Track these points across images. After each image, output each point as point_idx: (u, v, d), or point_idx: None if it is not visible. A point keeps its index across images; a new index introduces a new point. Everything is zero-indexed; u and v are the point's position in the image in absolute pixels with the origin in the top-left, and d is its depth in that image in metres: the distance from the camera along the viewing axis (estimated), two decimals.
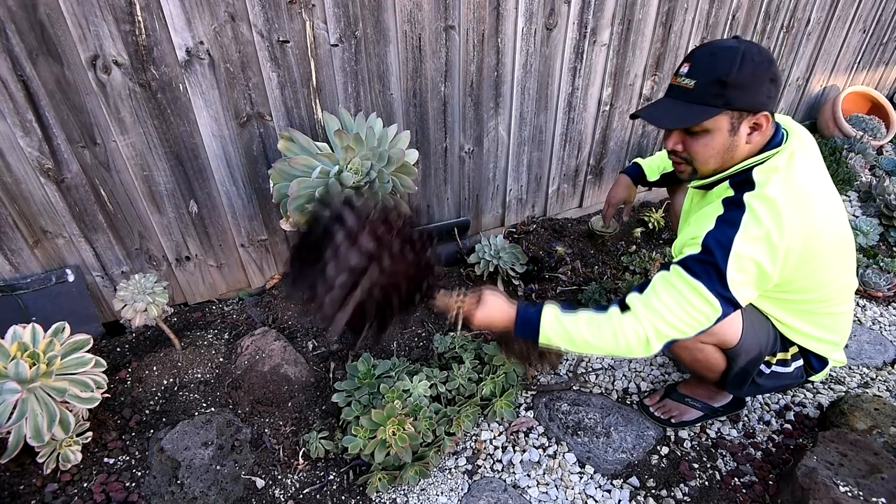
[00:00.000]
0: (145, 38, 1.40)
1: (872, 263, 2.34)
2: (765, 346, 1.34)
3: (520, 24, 1.87)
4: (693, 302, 1.12)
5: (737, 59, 1.08)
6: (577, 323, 1.19)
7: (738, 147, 1.16)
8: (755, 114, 1.12)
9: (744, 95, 1.10)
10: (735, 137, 1.15)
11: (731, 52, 1.09)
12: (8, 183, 1.47)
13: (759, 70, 1.09)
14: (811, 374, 1.42)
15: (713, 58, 1.11)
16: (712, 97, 1.11)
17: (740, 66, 1.08)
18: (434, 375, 1.60)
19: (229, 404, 1.63)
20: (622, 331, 1.16)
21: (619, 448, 1.52)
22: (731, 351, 1.32)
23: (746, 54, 1.08)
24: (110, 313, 1.81)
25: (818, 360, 1.40)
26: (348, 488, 1.48)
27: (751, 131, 1.15)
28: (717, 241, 1.11)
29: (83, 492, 1.39)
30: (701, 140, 1.17)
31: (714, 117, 1.12)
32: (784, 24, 2.63)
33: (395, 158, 1.44)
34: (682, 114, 1.15)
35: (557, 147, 2.29)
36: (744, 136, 1.15)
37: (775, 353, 1.37)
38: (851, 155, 3.01)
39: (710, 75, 1.10)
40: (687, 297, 1.12)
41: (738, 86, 1.09)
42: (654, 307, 1.14)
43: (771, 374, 1.38)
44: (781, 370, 1.39)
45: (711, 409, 1.59)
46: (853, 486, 1.25)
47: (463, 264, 2.21)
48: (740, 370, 1.35)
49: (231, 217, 1.81)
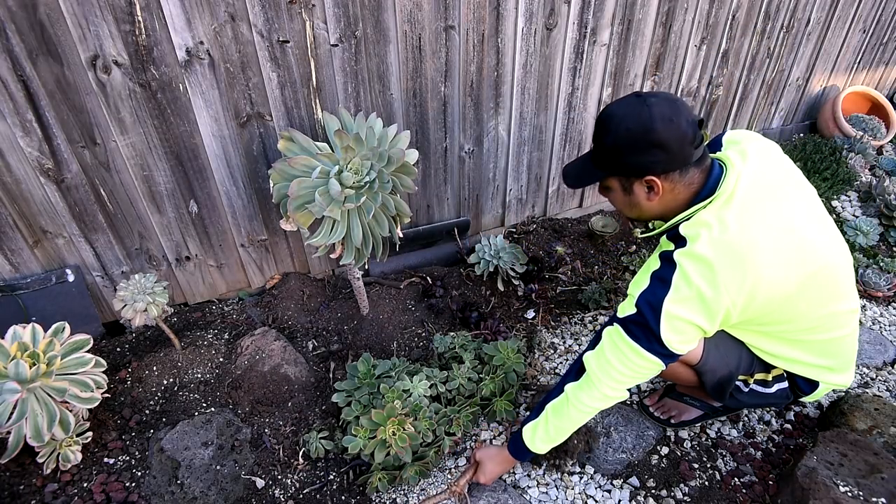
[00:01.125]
0: (145, 38, 1.40)
1: (872, 263, 2.34)
2: (735, 367, 1.32)
3: (520, 24, 1.87)
4: (636, 361, 1.15)
5: (611, 128, 1.12)
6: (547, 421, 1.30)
7: (641, 204, 1.19)
8: (641, 177, 1.14)
9: (621, 162, 1.14)
10: (631, 197, 1.19)
11: (609, 119, 1.13)
12: (8, 183, 1.47)
13: (634, 136, 1.09)
14: (800, 396, 1.37)
15: (599, 124, 1.16)
16: (599, 161, 1.18)
17: (615, 136, 1.11)
18: (434, 375, 1.60)
19: (229, 404, 1.63)
20: (583, 404, 1.24)
21: (619, 448, 1.52)
22: (697, 368, 1.32)
23: (622, 122, 1.09)
24: (110, 313, 1.81)
25: (807, 383, 1.33)
26: (348, 488, 1.48)
27: (648, 191, 1.15)
28: (648, 304, 1.10)
29: (83, 492, 1.39)
30: (609, 195, 1.26)
31: (606, 179, 1.20)
32: (784, 24, 2.63)
33: (395, 158, 1.44)
34: (580, 175, 1.25)
35: (557, 147, 2.29)
36: (641, 196, 1.17)
37: (752, 373, 1.35)
38: (851, 155, 3.01)
39: (595, 140, 1.17)
40: (629, 358, 1.15)
41: (615, 153, 1.13)
42: (605, 368, 1.20)
43: (750, 392, 1.38)
44: (761, 390, 1.37)
45: (711, 408, 1.59)
46: (853, 486, 1.25)
47: (463, 264, 2.21)
48: (715, 384, 1.34)
49: (231, 217, 1.81)
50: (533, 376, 1.80)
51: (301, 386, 1.68)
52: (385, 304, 1.97)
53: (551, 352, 1.92)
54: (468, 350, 1.71)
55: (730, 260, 1.05)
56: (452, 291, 2.06)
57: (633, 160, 1.12)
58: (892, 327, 2.06)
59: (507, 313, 2.06)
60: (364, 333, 1.88)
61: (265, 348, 1.69)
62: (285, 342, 1.74)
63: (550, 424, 1.30)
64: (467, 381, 1.61)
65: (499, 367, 1.65)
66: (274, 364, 1.66)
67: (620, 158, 1.13)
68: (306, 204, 1.41)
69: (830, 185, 2.80)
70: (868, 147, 3.08)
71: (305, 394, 1.68)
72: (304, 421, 1.62)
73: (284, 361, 1.68)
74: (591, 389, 1.22)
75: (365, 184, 1.41)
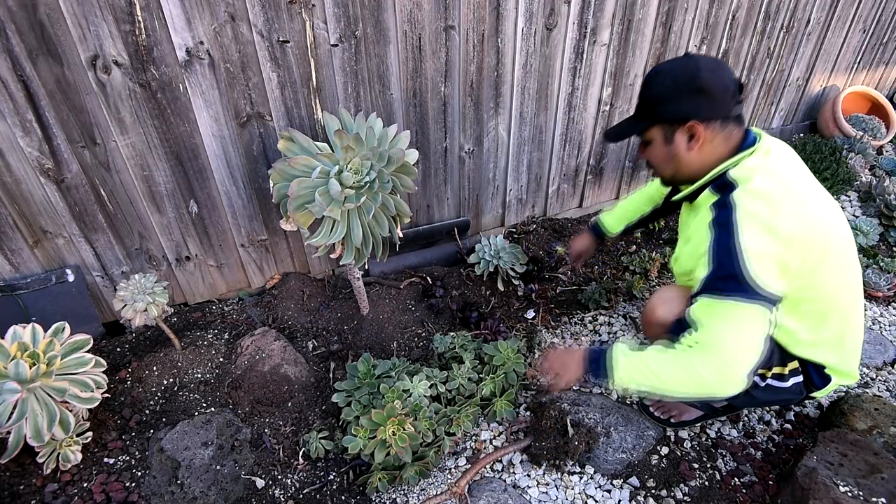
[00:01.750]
0: (145, 38, 1.40)
1: (872, 263, 2.34)
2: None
3: (520, 24, 1.87)
4: (740, 317, 1.08)
5: (657, 80, 1.20)
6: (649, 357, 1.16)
7: (680, 156, 1.22)
8: (683, 123, 1.18)
9: (664, 109, 1.20)
10: (672, 146, 1.22)
11: (653, 72, 1.22)
12: (8, 183, 1.47)
13: (679, 84, 1.16)
14: (812, 391, 1.37)
15: (647, 79, 1.24)
16: (644, 113, 1.25)
17: (659, 84, 1.19)
18: (434, 375, 1.60)
19: (229, 404, 1.63)
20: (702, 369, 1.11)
21: (619, 448, 1.52)
22: None
23: (666, 72, 1.18)
24: (110, 313, 1.81)
25: (820, 377, 1.33)
26: (348, 488, 1.48)
27: (689, 139, 1.19)
28: (723, 250, 1.09)
29: (83, 492, 1.39)
30: (649, 149, 1.29)
31: (649, 130, 1.24)
32: (784, 24, 2.63)
33: (395, 158, 1.44)
34: (622, 130, 1.30)
35: (557, 147, 2.29)
36: (682, 145, 1.21)
37: (771, 367, 1.33)
38: (851, 155, 3.01)
39: (641, 96, 1.25)
40: (732, 317, 1.09)
41: (658, 101, 1.20)
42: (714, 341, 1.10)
43: (766, 387, 1.35)
44: (777, 384, 1.35)
45: (711, 408, 1.59)
46: (853, 486, 1.25)
47: (463, 264, 2.21)
48: None
49: (231, 217, 1.81)
50: (533, 376, 1.80)
51: (301, 386, 1.68)
52: (385, 304, 1.97)
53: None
54: (468, 350, 1.71)
55: (787, 194, 1.11)
56: (452, 291, 2.06)
57: (678, 105, 1.17)
58: (892, 327, 2.06)
59: (507, 313, 2.06)
60: (364, 333, 1.88)
61: (265, 348, 1.69)
62: (285, 342, 1.74)
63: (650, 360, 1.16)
64: (467, 381, 1.61)
65: (499, 367, 1.65)
66: (274, 364, 1.66)
67: (665, 104, 1.19)
68: (306, 204, 1.41)
69: (830, 186, 2.80)
70: (868, 147, 3.08)
71: (305, 394, 1.68)
72: (304, 421, 1.62)
73: (284, 361, 1.68)
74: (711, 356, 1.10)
75: (365, 184, 1.41)
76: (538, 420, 1.57)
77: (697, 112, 1.16)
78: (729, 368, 1.10)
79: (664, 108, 1.19)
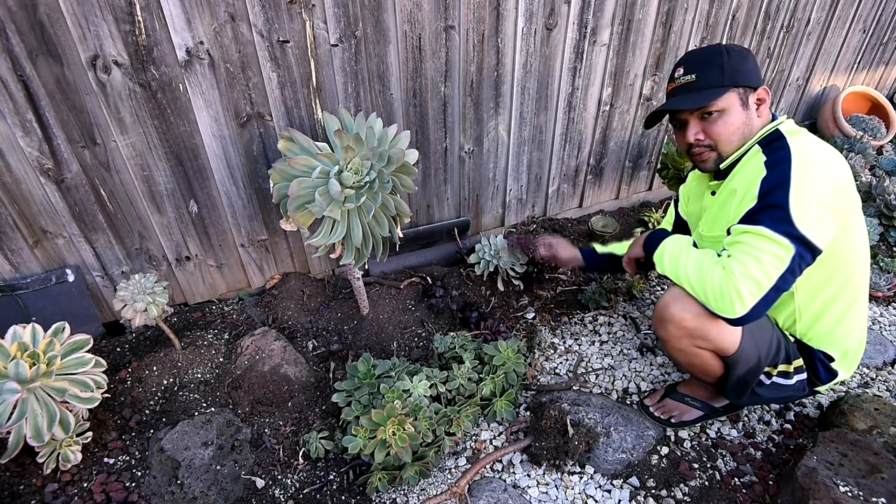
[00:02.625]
0: (145, 38, 1.40)
1: (872, 263, 2.34)
2: (765, 356, 1.32)
3: (520, 24, 1.87)
4: (760, 246, 1.12)
5: (723, 51, 1.27)
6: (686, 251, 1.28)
7: (752, 121, 1.29)
8: (755, 89, 1.27)
9: (741, 73, 1.26)
10: (747, 111, 1.28)
11: (714, 47, 1.29)
12: (8, 183, 1.47)
13: (743, 54, 1.27)
14: (817, 385, 1.40)
15: (704, 53, 1.30)
16: (717, 81, 1.26)
17: (728, 55, 1.26)
18: (434, 375, 1.60)
19: (229, 404, 1.63)
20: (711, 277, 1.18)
21: (619, 448, 1.52)
22: (730, 359, 1.30)
23: (727, 47, 1.28)
24: (110, 313, 1.81)
25: (826, 372, 1.38)
26: (348, 488, 1.48)
27: (758, 105, 1.29)
28: (775, 182, 1.13)
29: (83, 492, 1.39)
30: (720, 121, 1.28)
31: (724, 95, 1.26)
32: (784, 24, 2.63)
33: (395, 158, 1.44)
34: (696, 100, 1.28)
35: (557, 147, 2.29)
36: (754, 110, 1.28)
37: (777, 364, 1.35)
38: (851, 155, 3.01)
39: (707, 66, 1.27)
40: (754, 245, 1.13)
41: (733, 68, 1.25)
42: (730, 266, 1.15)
43: (771, 384, 1.37)
44: (782, 382, 1.37)
45: (711, 408, 1.59)
46: (853, 486, 1.25)
47: (463, 264, 2.21)
48: (739, 379, 1.34)
49: (231, 217, 1.81)
50: (533, 376, 1.80)
51: (301, 386, 1.68)
52: (385, 304, 1.97)
53: (551, 352, 1.92)
54: (468, 350, 1.71)
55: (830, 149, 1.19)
56: (452, 291, 2.06)
57: (749, 70, 1.26)
58: (892, 327, 2.06)
59: (507, 313, 2.06)
60: (364, 333, 1.88)
61: (265, 348, 1.69)
62: (285, 342, 1.74)
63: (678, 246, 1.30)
64: (467, 381, 1.61)
65: (499, 367, 1.65)
66: (274, 364, 1.66)
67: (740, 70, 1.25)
68: (306, 204, 1.41)
69: None
70: (868, 147, 3.08)
71: (305, 394, 1.68)
72: (304, 421, 1.62)
73: (284, 361, 1.68)
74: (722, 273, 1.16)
75: (365, 184, 1.41)
76: (538, 420, 1.57)
77: (761, 79, 1.28)
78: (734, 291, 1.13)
79: (739, 73, 1.25)
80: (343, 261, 1.52)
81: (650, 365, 1.85)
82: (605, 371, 1.83)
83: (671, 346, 1.33)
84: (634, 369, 1.83)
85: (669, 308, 1.29)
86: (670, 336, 1.31)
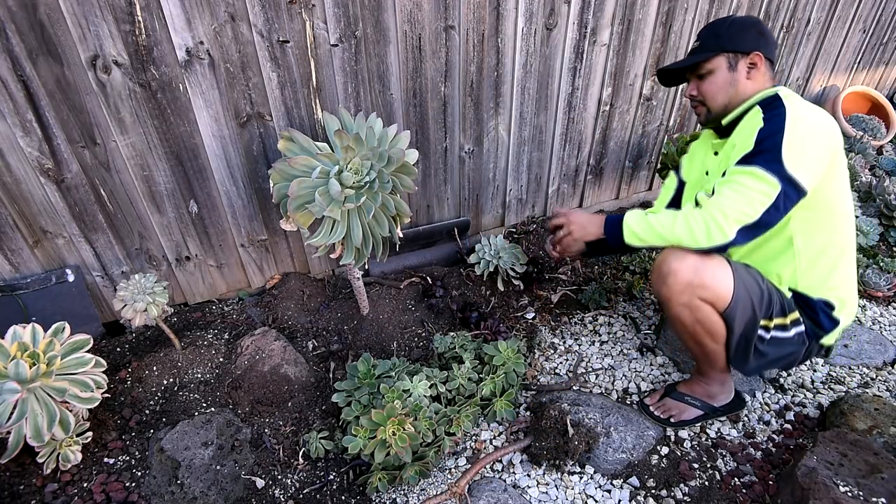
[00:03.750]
0: (145, 38, 1.40)
1: (872, 263, 2.34)
2: (758, 305, 1.36)
3: (520, 24, 1.87)
4: (749, 184, 1.24)
5: (727, 20, 1.44)
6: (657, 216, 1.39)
7: (739, 82, 1.41)
8: (747, 54, 1.39)
9: (732, 40, 1.40)
10: (735, 73, 1.41)
11: (722, 19, 1.46)
12: (8, 183, 1.47)
13: (745, 24, 1.40)
14: (822, 336, 1.44)
15: (712, 24, 1.47)
16: (710, 46, 1.43)
17: (730, 24, 1.42)
18: (434, 375, 1.60)
19: (229, 404, 1.63)
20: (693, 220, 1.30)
21: (619, 448, 1.52)
22: (728, 312, 1.34)
23: (733, 18, 1.43)
24: (110, 313, 1.81)
25: (829, 319, 1.42)
26: (348, 488, 1.48)
27: (749, 69, 1.40)
28: (770, 131, 1.26)
29: (83, 492, 1.39)
30: (708, 80, 1.45)
31: (712, 59, 1.42)
32: (784, 24, 2.63)
33: (395, 158, 1.44)
34: (687, 61, 1.48)
35: (557, 147, 2.29)
36: (743, 72, 1.40)
37: (772, 316, 1.39)
38: (851, 155, 3.01)
39: (710, 34, 1.45)
40: (743, 183, 1.25)
41: (729, 35, 1.41)
42: (717, 200, 1.28)
43: (771, 339, 1.40)
44: (781, 335, 1.40)
45: (711, 408, 1.59)
46: (853, 486, 1.25)
47: (463, 264, 2.21)
48: (740, 338, 1.38)
49: (231, 217, 1.81)
50: (533, 376, 1.80)
51: (301, 386, 1.68)
52: (385, 304, 1.97)
53: (551, 352, 1.92)
54: (468, 350, 1.71)
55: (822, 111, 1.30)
56: (452, 291, 2.06)
57: (744, 38, 1.40)
58: (892, 327, 2.06)
59: (507, 313, 2.06)
60: (364, 333, 1.88)
61: (265, 348, 1.69)
62: (285, 342, 1.74)
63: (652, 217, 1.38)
64: (467, 381, 1.61)
65: (499, 367, 1.65)
66: (274, 364, 1.66)
67: (733, 37, 1.40)
68: (306, 204, 1.41)
69: None
70: (868, 147, 3.08)
71: (305, 394, 1.68)
72: (304, 421, 1.62)
73: (284, 361, 1.68)
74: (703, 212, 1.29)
75: (365, 184, 1.41)
76: (538, 420, 1.57)
77: (758, 46, 1.39)
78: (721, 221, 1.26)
79: (732, 40, 1.40)
80: (343, 261, 1.52)
81: (650, 365, 1.85)
82: (605, 371, 1.83)
83: (674, 303, 1.36)
84: (634, 369, 1.83)
85: (668, 261, 1.35)
86: (672, 291, 1.35)
